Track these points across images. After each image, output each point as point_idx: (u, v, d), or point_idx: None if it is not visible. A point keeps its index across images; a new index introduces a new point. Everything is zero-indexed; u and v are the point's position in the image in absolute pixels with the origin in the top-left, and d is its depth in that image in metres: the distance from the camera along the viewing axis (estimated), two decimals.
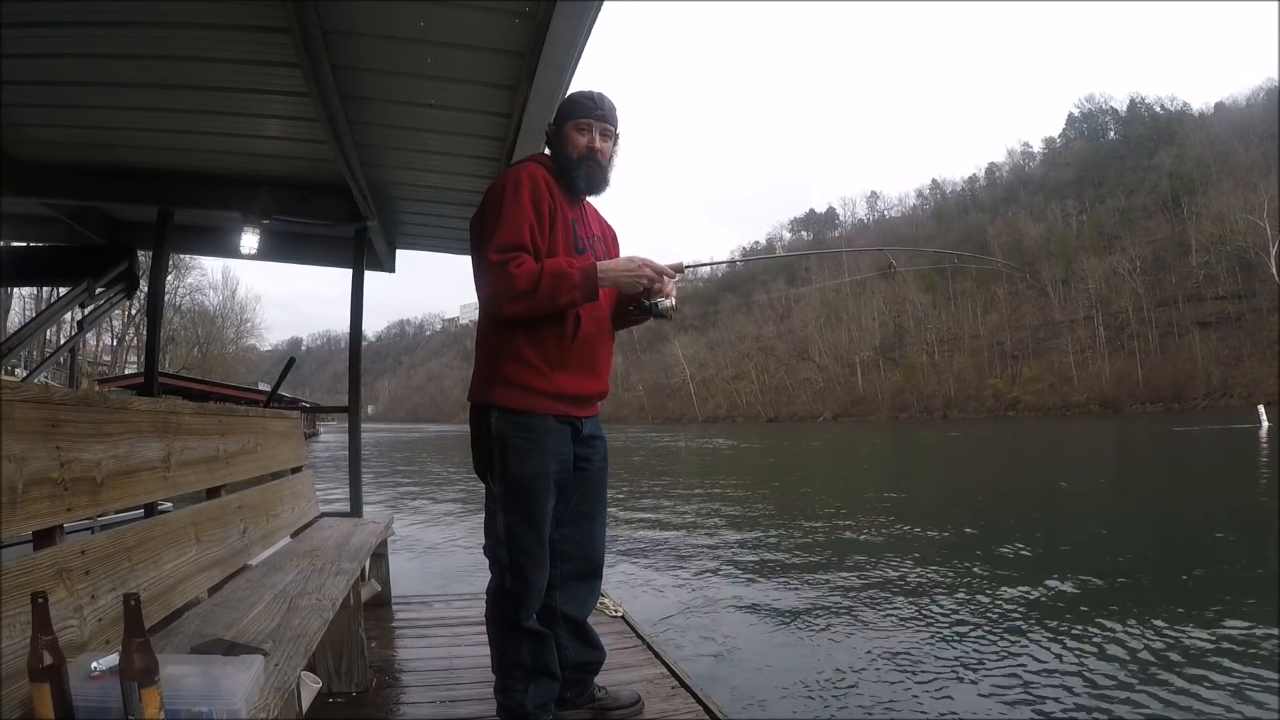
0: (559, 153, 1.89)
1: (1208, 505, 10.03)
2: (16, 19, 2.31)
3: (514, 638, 1.84)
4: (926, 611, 5.14)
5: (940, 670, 4.02)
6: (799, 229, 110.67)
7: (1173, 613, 4.82)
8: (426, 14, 2.28)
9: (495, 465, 1.80)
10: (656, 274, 1.80)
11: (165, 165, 3.60)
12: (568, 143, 1.87)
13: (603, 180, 1.91)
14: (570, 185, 1.88)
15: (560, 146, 1.89)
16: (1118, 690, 3.66)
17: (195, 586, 1.76)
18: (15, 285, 17.36)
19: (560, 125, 1.90)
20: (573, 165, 1.86)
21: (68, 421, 1.35)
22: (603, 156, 1.89)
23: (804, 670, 4.10)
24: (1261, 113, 65.28)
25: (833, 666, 4.13)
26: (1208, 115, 74.23)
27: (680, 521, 9.68)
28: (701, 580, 6.33)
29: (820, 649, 4.45)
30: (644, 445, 32.02)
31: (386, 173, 3.57)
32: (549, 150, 1.94)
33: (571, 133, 1.87)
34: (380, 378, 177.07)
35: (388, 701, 2.24)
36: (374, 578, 3.32)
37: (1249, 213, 58.76)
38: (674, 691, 2.27)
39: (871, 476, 16.84)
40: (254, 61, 2.60)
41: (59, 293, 4.90)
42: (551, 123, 1.94)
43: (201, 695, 1.03)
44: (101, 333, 36.47)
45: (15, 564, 1.16)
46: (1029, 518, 9.44)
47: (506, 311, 1.73)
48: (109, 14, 2.35)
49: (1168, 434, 26.85)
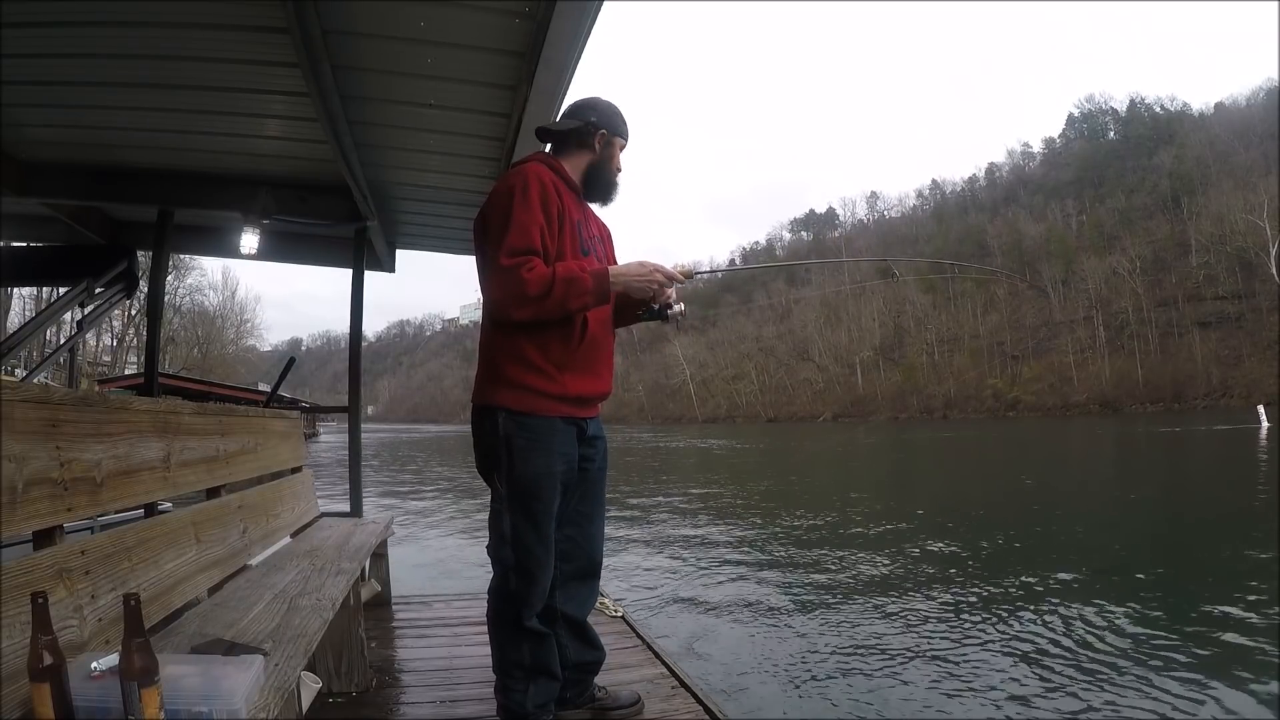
0: (601, 161, 1.93)
1: (1207, 505, 10.03)
2: (16, 19, 2.31)
3: (515, 637, 1.84)
4: (927, 611, 5.14)
5: (940, 670, 4.02)
6: (799, 229, 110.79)
7: (1172, 612, 4.82)
8: (426, 14, 2.28)
9: (501, 466, 1.79)
10: (668, 279, 1.82)
11: (165, 165, 3.60)
12: (613, 157, 1.95)
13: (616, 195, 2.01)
14: (600, 195, 1.96)
15: (605, 155, 1.93)
16: (1118, 691, 3.66)
17: (195, 586, 1.76)
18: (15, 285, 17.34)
19: (611, 135, 1.94)
20: (613, 178, 1.96)
21: (68, 421, 1.35)
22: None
23: (804, 670, 4.10)
24: (1261, 113, 65.33)
25: (833, 666, 4.14)
26: (1208, 115, 74.31)
27: (680, 521, 9.67)
28: (702, 580, 6.33)
29: (821, 649, 4.44)
30: (644, 445, 32.02)
31: (386, 173, 3.57)
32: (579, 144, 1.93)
33: (616, 149, 1.95)
34: (380, 378, 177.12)
35: (388, 701, 2.24)
36: (374, 578, 3.32)
37: (1249, 213, 58.80)
38: (674, 691, 2.27)
39: (871, 477, 16.84)
40: (254, 61, 2.60)
41: (59, 293, 4.90)
42: (602, 128, 1.92)
43: (201, 695, 1.03)
44: (101, 333, 36.52)
45: (15, 564, 1.16)
46: (1028, 518, 9.43)
47: (515, 316, 1.73)
48: (109, 14, 2.35)
49: (1167, 434, 26.86)
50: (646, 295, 1.84)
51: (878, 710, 3.56)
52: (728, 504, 11.49)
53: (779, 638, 4.70)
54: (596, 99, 1.97)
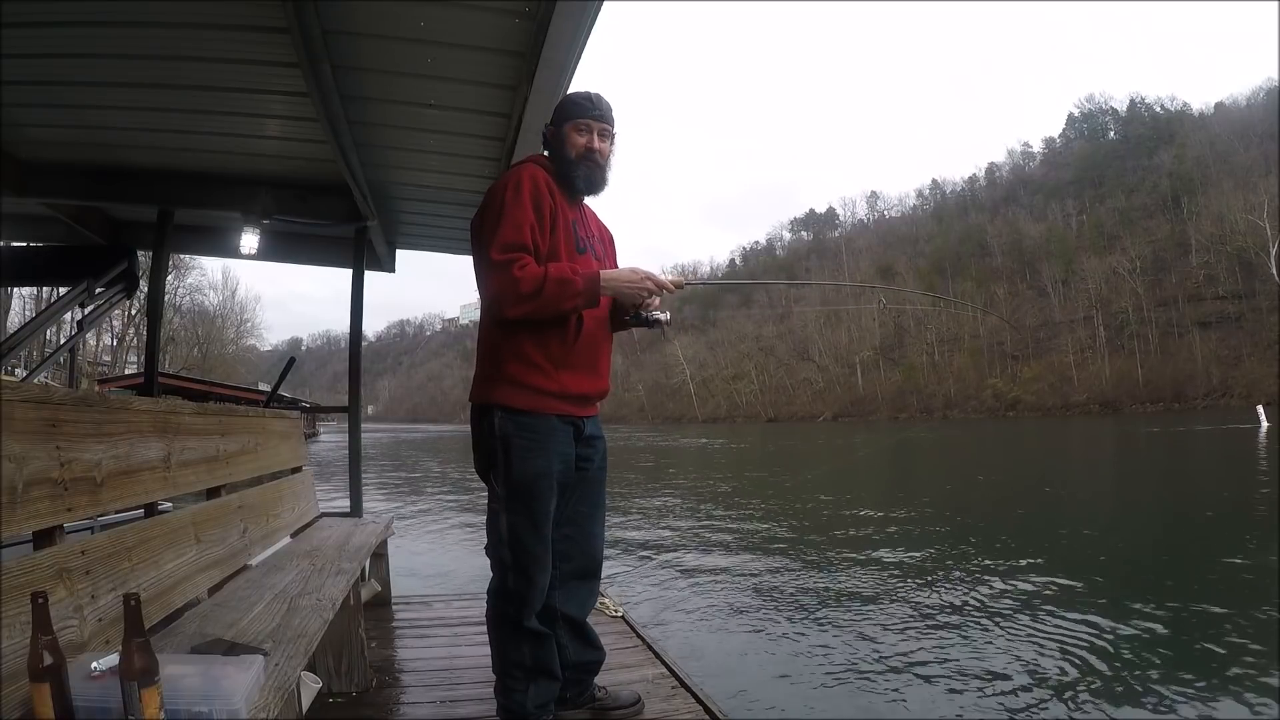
0: (557, 154, 1.90)
1: (1206, 505, 10.02)
2: (16, 19, 2.31)
3: (514, 637, 1.84)
4: (927, 611, 5.14)
5: (940, 670, 4.01)
6: (799, 229, 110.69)
7: (1171, 612, 4.82)
8: (426, 14, 2.28)
9: (499, 465, 1.80)
10: (657, 288, 1.83)
11: (165, 165, 3.60)
12: (566, 143, 1.88)
13: (601, 180, 1.92)
14: (570, 186, 1.88)
15: (559, 147, 1.89)
16: (1117, 690, 3.66)
17: (195, 586, 1.76)
18: (15, 285, 17.35)
19: (558, 126, 1.90)
20: (571, 166, 1.87)
21: (68, 421, 1.35)
22: (601, 157, 1.89)
23: (804, 670, 4.10)
24: (1261, 113, 65.29)
25: (833, 666, 4.14)
26: (1208, 115, 74.26)
27: (680, 521, 9.67)
28: (702, 580, 6.32)
29: (821, 648, 4.44)
30: (643, 445, 32.01)
31: (386, 173, 3.57)
32: (547, 151, 1.94)
33: (570, 133, 1.88)
34: (380, 378, 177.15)
35: (388, 701, 2.24)
36: (374, 578, 3.31)
37: (1249, 213, 58.77)
38: (674, 691, 2.27)
39: (871, 476, 16.83)
40: (254, 61, 2.60)
41: (59, 293, 4.90)
42: (549, 124, 1.94)
43: (201, 695, 1.03)
44: (101, 333, 36.49)
45: (15, 564, 1.16)
46: (1028, 517, 9.44)
47: (510, 314, 1.74)
48: (109, 14, 2.35)
49: (1167, 434, 26.85)
50: (636, 301, 1.84)
51: (878, 710, 3.56)
52: (728, 504, 11.48)
53: (780, 637, 4.70)
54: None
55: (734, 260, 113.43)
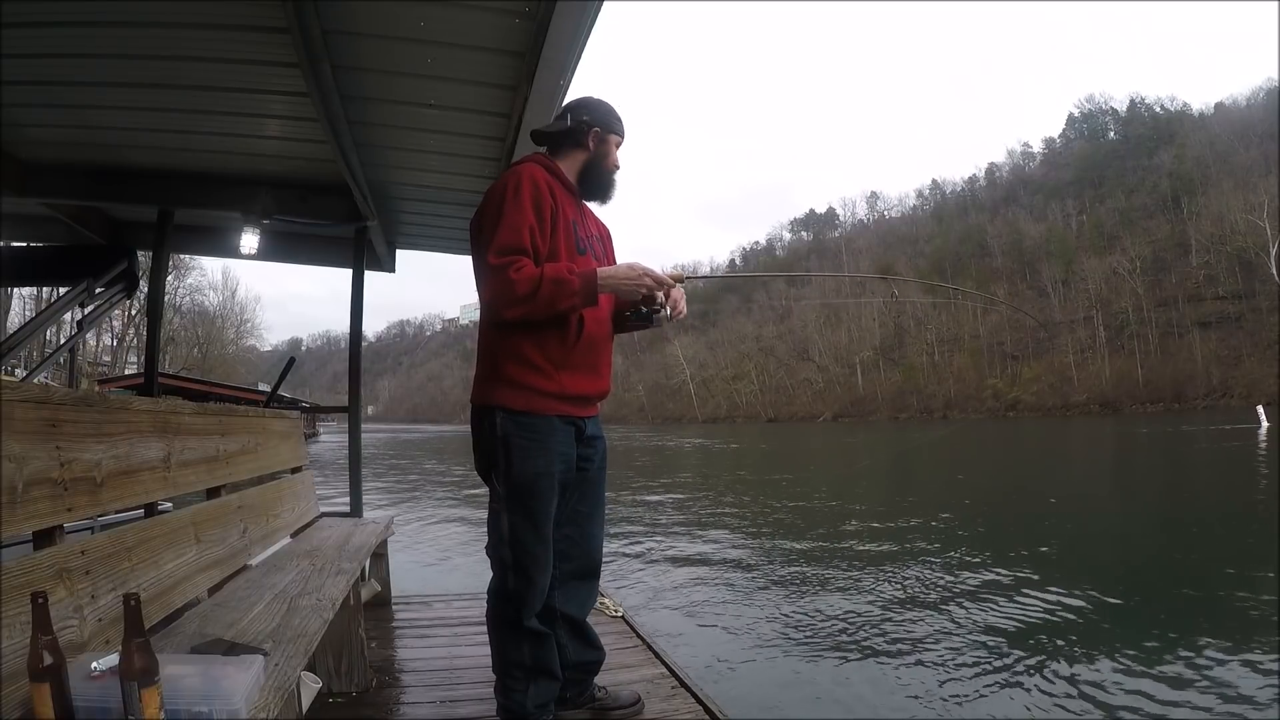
0: (596, 158, 1.92)
1: (1206, 505, 10.02)
2: (16, 19, 2.31)
3: (515, 637, 1.84)
4: (926, 611, 5.14)
5: (942, 671, 4.02)
6: (799, 229, 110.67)
7: (1170, 612, 4.82)
8: (426, 14, 2.28)
9: (499, 465, 1.80)
10: (656, 283, 1.81)
11: (165, 165, 3.60)
12: (608, 155, 1.94)
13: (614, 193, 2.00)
14: (597, 193, 1.95)
15: (599, 153, 1.93)
16: (1116, 690, 3.66)
17: (195, 586, 1.76)
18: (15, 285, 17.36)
19: (604, 133, 1.93)
20: (606, 176, 1.95)
21: (68, 421, 1.35)
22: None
23: (804, 669, 4.10)
24: (1261, 113, 65.24)
25: (833, 666, 4.14)
26: (1208, 115, 74.18)
27: (680, 521, 9.67)
28: (702, 580, 6.33)
29: (820, 649, 4.45)
30: (643, 445, 32.00)
31: (386, 173, 3.57)
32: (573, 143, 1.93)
33: (611, 146, 1.94)
34: (380, 378, 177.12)
35: (388, 701, 2.24)
36: (374, 578, 3.32)
37: (1249, 213, 58.75)
38: (674, 691, 2.27)
39: (871, 476, 16.83)
40: (254, 61, 2.60)
41: (59, 293, 4.90)
42: (595, 125, 1.92)
43: (201, 695, 1.03)
44: (101, 333, 36.53)
45: (15, 564, 1.16)
46: (1028, 518, 9.43)
47: (507, 315, 1.74)
48: (109, 14, 2.35)
49: (1167, 434, 26.84)
50: (635, 298, 1.84)
51: (879, 711, 3.57)
52: (729, 504, 11.48)
53: (780, 638, 4.70)
54: (589, 98, 1.98)
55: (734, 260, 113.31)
